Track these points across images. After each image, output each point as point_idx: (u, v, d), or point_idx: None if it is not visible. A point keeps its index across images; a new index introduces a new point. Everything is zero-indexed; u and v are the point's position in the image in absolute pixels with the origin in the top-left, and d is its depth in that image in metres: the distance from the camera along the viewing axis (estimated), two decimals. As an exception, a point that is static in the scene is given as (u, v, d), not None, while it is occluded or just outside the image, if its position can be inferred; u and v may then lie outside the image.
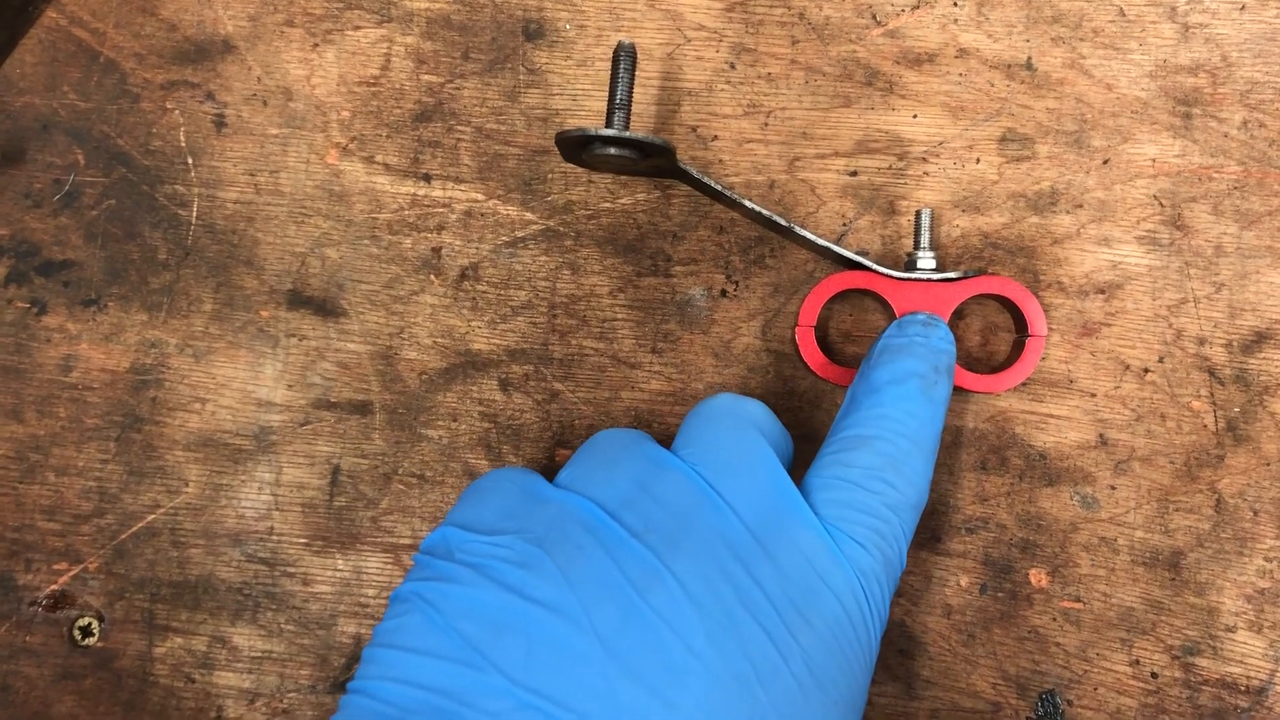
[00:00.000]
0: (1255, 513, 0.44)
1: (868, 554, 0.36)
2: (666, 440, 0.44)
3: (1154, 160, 0.45)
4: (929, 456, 0.39)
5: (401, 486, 0.46)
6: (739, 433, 0.38)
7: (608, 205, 0.46)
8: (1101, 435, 0.45)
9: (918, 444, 0.38)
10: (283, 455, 0.46)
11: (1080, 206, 0.45)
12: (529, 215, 0.46)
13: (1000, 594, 0.45)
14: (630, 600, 0.33)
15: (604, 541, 0.34)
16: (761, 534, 0.35)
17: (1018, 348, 0.44)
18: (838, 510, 0.37)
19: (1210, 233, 0.45)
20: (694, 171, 0.43)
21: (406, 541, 0.46)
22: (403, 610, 0.35)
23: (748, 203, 0.43)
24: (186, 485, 0.46)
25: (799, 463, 0.45)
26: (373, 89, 0.47)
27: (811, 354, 0.44)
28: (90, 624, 0.46)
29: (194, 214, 0.47)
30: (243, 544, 0.46)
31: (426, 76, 0.47)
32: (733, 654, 0.32)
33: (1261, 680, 0.44)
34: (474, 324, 0.46)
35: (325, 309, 0.46)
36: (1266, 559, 0.44)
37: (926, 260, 0.43)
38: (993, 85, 0.46)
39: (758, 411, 0.39)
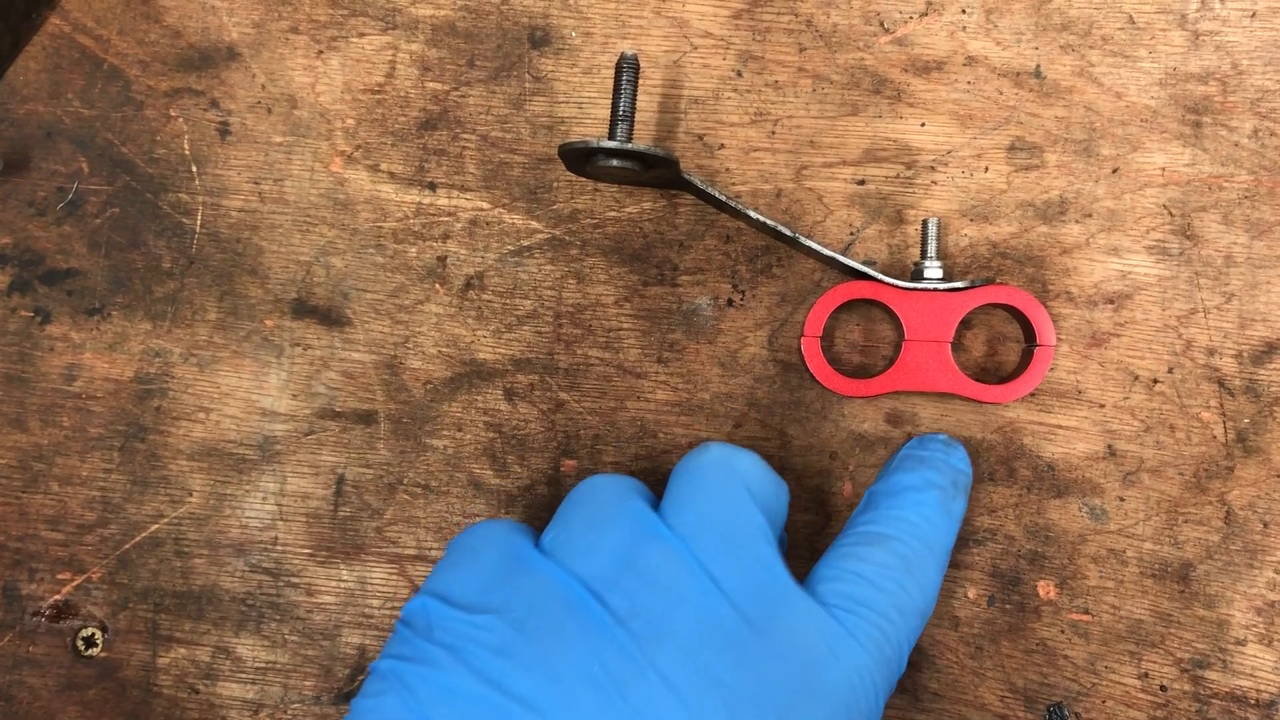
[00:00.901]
0: (1265, 525, 0.44)
1: (865, 652, 0.35)
2: (661, 456, 0.44)
3: (1164, 169, 0.45)
4: (940, 566, 0.39)
5: (406, 497, 0.46)
6: (729, 502, 0.37)
7: (614, 214, 0.46)
8: (1110, 446, 0.44)
9: (933, 551, 0.39)
10: (287, 465, 0.46)
11: (1089, 216, 0.45)
12: (534, 224, 0.46)
13: (1008, 606, 0.44)
14: (610, 698, 0.32)
15: (586, 627, 0.34)
16: (751, 618, 0.34)
17: (1026, 357, 0.44)
18: (845, 604, 0.36)
19: (1220, 242, 0.45)
20: (698, 181, 0.43)
21: (411, 552, 0.46)
22: (380, 689, 0.34)
23: (752, 213, 0.43)
24: (190, 495, 0.46)
25: (799, 463, 0.45)
26: (377, 96, 0.47)
27: (818, 364, 0.44)
28: (94, 634, 0.46)
29: (198, 222, 0.47)
30: (247, 554, 0.46)
31: (431, 84, 0.47)
32: None
33: (1271, 694, 0.43)
34: (479, 333, 0.46)
35: (330, 318, 0.46)
36: (1277, 571, 0.44)
37: (933, 270, 0.43)
38: (1001, 93, 0.46)
39: (749, 468, 0.38)
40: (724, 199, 0.43)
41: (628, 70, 0.41)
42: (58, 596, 0.46)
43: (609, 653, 0.33)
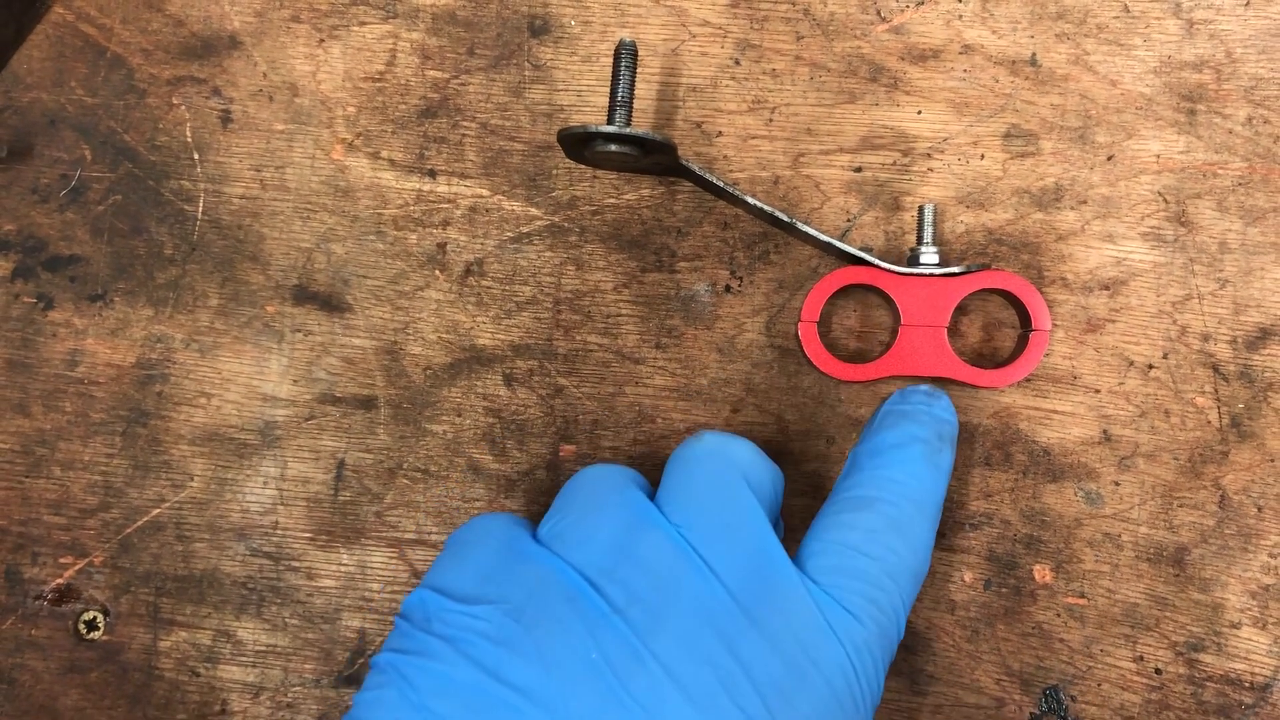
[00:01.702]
0: (1260, 509, 0.44)
1: (861, 626, 0.35)
2: (659, 441, 0.44)
3: (1158, 156, 0.45)
4: (931, 523, 0.38)
5: (406, 481, 0.46)
6: (725, 489, 0.37)
7: (612, 201, 0.46)
8: (1105, 431, 0.45)
9: (921, 509, 0.38)
10: (288, 450, 0.46)
11: (1084, 202, 0.45)
12: (534, 211, 0.46)
13: (1004, 590, 0.45)
14: (609, 686, 0.32)
15: (584, 616, 0.34)
16: (748, 605, 0.34)
17: (1021, 343, 0.44)
18: (833, 578, 0.36)
19: (1215, 229, 0.45)
20: (696, 168, 0.43)
21: (411, 536, 0.46)
22: (380, 683, 0.35)
23: (750, 199, 0.43)
24: (192, 480, 0.46)
25: (796, 447, 0.45)
26: (378, 84, 0.47)
27: (815, 349, 0.44)
28: (95, 618, 0.46)
29: (200, 209, 0.47)
30: (247, 538, 0.46)
31: (432, 72, 0.47)
32: None
33: (1266, 677, 0.44)
34: (479, 319, 0.46)
35: (330, 304, 0.47)
36: (1271, 555, 0.44)
37: (929, 255, 0.43)
38: (997, 81, 0.46)
39: (744, 455, 0.38)
40: (722, 185, 0.43)
41: (626, 56, 0.42)
42: (60, 580, 0.46)
43: (607, 641, 0.33)
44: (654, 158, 0.42)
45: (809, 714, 0.33)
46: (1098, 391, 0.45)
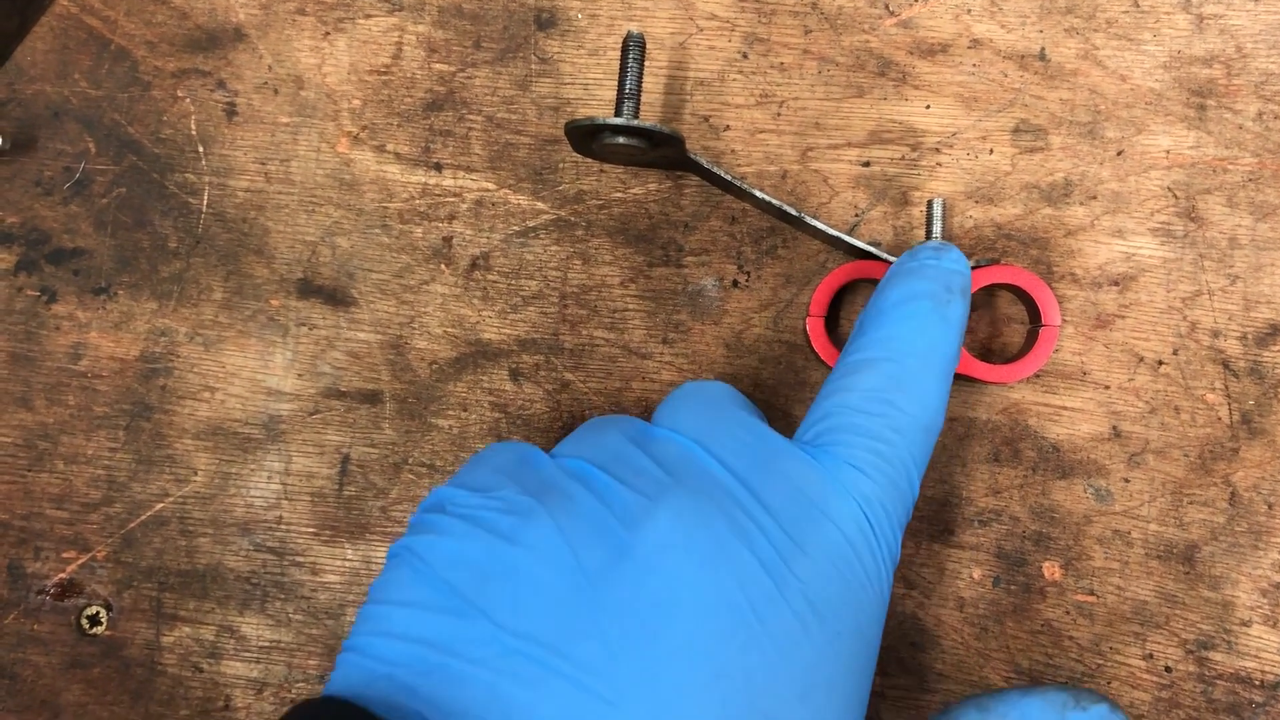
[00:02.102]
0: (1270, 506, 0.44)
1: (869, 479, 0.35)
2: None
3: (1168, 152, 0.45)
4: (942, 377, 0.37)
5: (411, 476, 0.46)
6: (712, 403, 0.38)
7: (619, 195, 0.46)
8: (1115, 428, 0.45)
9: (927, 362, 0.37)
10: (292, 444, 0.46)
11: (1094, 198, 0.45)
12: (540, 205, 0.46)
13: (1013, 587, 0.44)
14: (619, 539, 0.32)
15: (595, 489, 0.34)
16: (752, 476, 0.35)
17: (1031, 338, 0.44)
18: (833, 436, 0.36)
19: (1225, 225, 0.45)
20: (704, 162, 0.43)
21: (416, 531, 0.46)
22: (393, 565, 0.35)
23: (758, 193, 0.43)
24: (195, 474, 0.46)
25: (810, 453, 0.45)
26: (384, 78, 0.47)
27: (822, 344, 0.44)
28: (98, 612, 0.46)
29: (204, 202, 0.47)
30: (251, 533, 0.46)
31: (438, 65, 0.47)
32: (726, 585, 0.32)
33: (1277, 675, 0.43)
34: (485, 314, 0.46)
35: (335, 298, 0.46)
36: (1281, 553, 0.44)
37: (939, 250, 0.43)
38: (1006, 76, 0.46)
39: (724, 388, 0.39)
40: (730, 179, 0.43)
41: (633, 49, 0.41)
42: (62, 575, 0.46)
43: (618, 504, 0.34)
44: (661, 151, 0.42)
45: (820, 559, 0.33)
46: (1107, 387, 0.45)
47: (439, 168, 0.46)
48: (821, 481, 0.35)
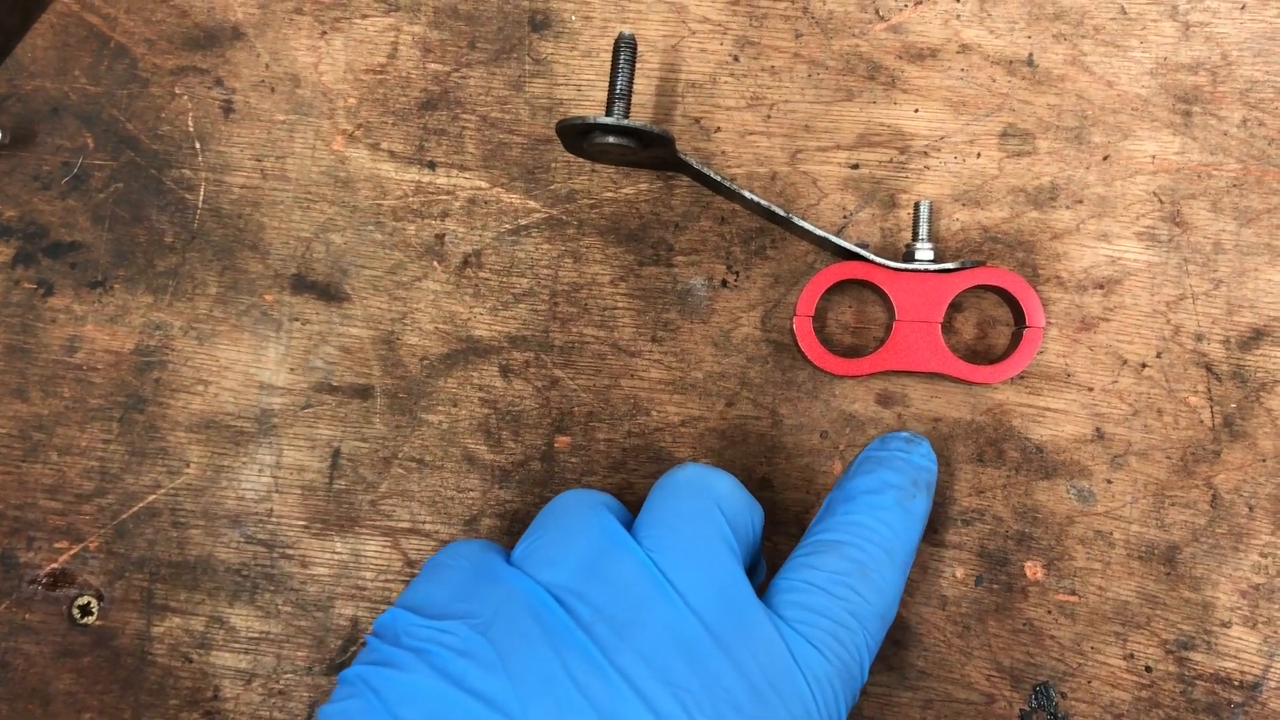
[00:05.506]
0: (1251, 508, 0.44)
1: (824, 660, 0.36)
2: (654, 434, 0.44)
3: (1154, 157, 0.46)
4: (900, 568, 0.39)
5: (401, 470, 0.46)
6: (700, 518, 0.37)
7: (610, 194, 0.47)
8: (1098, 429, 0.45)
9: (889, 554, 0.38)
10: (283, 438, 0.46)
11: (1080, 202, 0.46)
12: (532, 203, 0.47)
13: (996, 586, 0.45)
14: (569, 696, 0.33)
15: (549, 630, 0.34)
16: (713, 628, 0.35)
17: (1015, 339, 0.44)
18: (798, 613, 0.36)
19: (1209, 229, 0.45)
20: (694, 162, 0.43)
21: (405, 525, 0.46)
22: (347, 694, 0.35)
23: (747, 194, 0.43)
24: (187, 466, 0.46)
25: (790, 442, 0.45)
26: (379, 77, 0.47)
27: (809, 344, 0.44)
28: (89, 603, 0.46)
29: (200, 198, 0.47)
30: (242, 525, 0.46)
31: (433, 65, 0.47)
32: None
33: (1255, 675, 0.44)
34: (476, 310, 0.47)
35: (329, 294, 0.47)
36: (1262, 555, 0.44)
37: (925, 251, 0.44)
38: (994, 81, 0.46)
39: (723, 488, 0.38)
40: (720, 180, 0.43)
41: (625, 50, 0.42)
42: (54, 565, 0.46)
43: (571, 654, 0.34)
44: (652, 151, 0.43)
45: None
46: (1091, 390, 0.45)
47: (433, 166, 0.47)
48: (778, 656, 0.35)
